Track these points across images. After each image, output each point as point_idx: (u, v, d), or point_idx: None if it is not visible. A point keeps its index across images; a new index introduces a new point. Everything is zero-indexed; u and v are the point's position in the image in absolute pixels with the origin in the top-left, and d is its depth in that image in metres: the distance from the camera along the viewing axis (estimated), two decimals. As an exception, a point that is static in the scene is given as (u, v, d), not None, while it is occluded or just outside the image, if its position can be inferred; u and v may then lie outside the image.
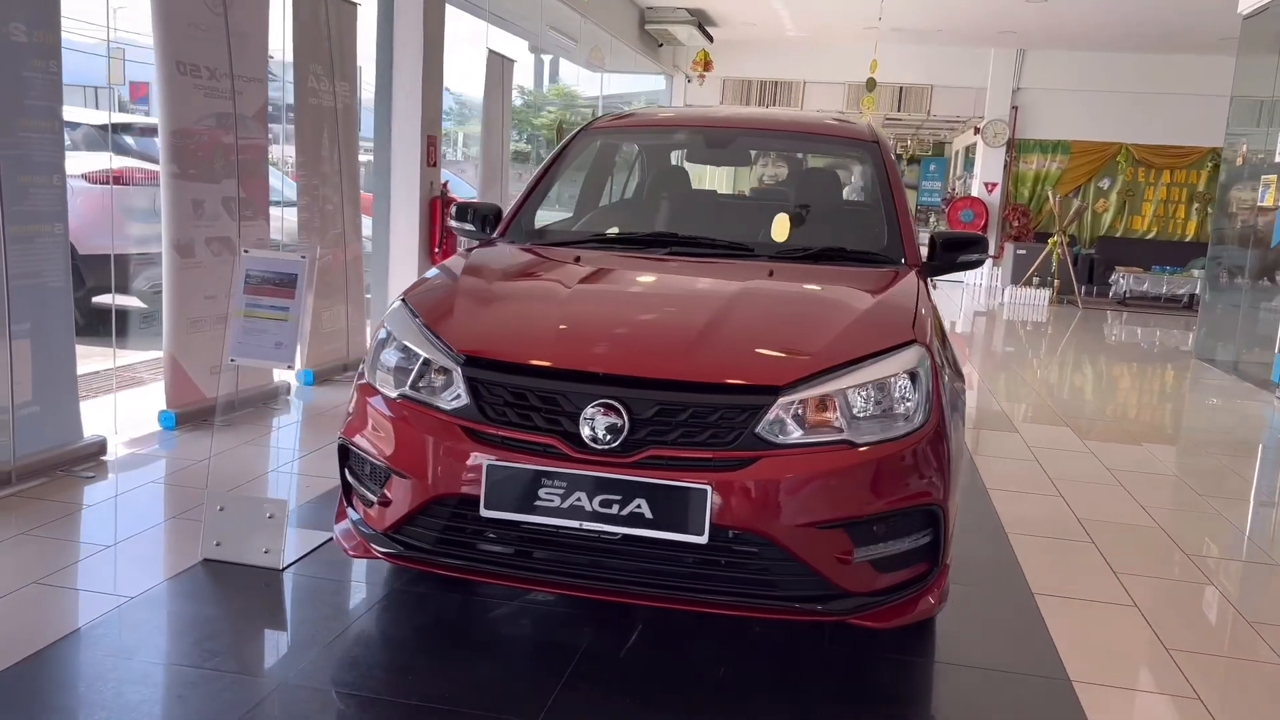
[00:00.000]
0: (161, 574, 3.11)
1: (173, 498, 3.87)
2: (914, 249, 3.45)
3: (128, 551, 3.30)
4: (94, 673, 2.52)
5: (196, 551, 3.27)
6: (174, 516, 3.63)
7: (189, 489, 3.93)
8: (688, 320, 2.76)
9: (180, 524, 3.57)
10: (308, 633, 2.84)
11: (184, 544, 3.37)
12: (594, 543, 2.48)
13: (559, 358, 2.59)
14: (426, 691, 2.51)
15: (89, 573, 3.11)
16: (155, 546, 3.37)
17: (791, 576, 2.45)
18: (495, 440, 2.51)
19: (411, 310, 2.87)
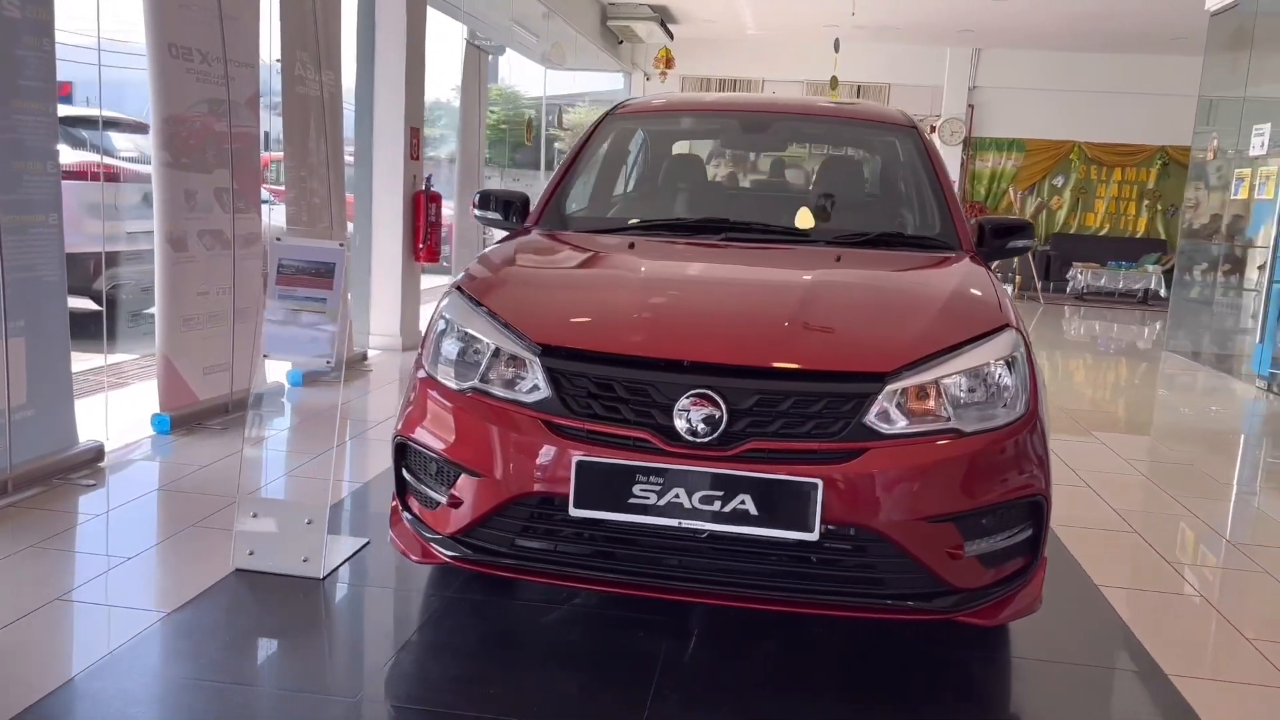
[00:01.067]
0: (193, 587, 2.89)
1: (183, 505, 3.63)
2: (967, 234, 3.37)
3: (150, 564, 3.07)
4: (144, 695, 2.30)
5: (226, 562, 3.05)
6: (192, 525, 3.40)
7: (198, 496, 3.70)
8: (775, 307, 2.63)
9: (200, 533, 3.33)
10: (367, 645, 2.65)
11: (209, 554, 3.15)
12: (688, 542, 2.34)
13: (647, 346, 2.44)
14: (508, 704, 2.34)
15: (115, 588, 2.88)
16: (178, 558, 3.13)
17: (899, 573, 2.33)
18: (581, 435, 2.35)
19: (472, 299, 2.69)
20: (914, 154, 3.71)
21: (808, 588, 2.33)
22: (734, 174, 4.07)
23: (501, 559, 2.47)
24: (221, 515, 3.48)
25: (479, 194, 3.77)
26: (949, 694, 2.54)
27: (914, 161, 3.69)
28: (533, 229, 3.46)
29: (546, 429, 2.38)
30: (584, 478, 2.31)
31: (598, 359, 2.42)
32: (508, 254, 3.07)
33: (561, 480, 2.34)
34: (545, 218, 3.54)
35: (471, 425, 2.47)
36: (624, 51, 15.50)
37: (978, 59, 15.43)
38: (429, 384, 2.61)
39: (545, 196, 3.64)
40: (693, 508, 2.27)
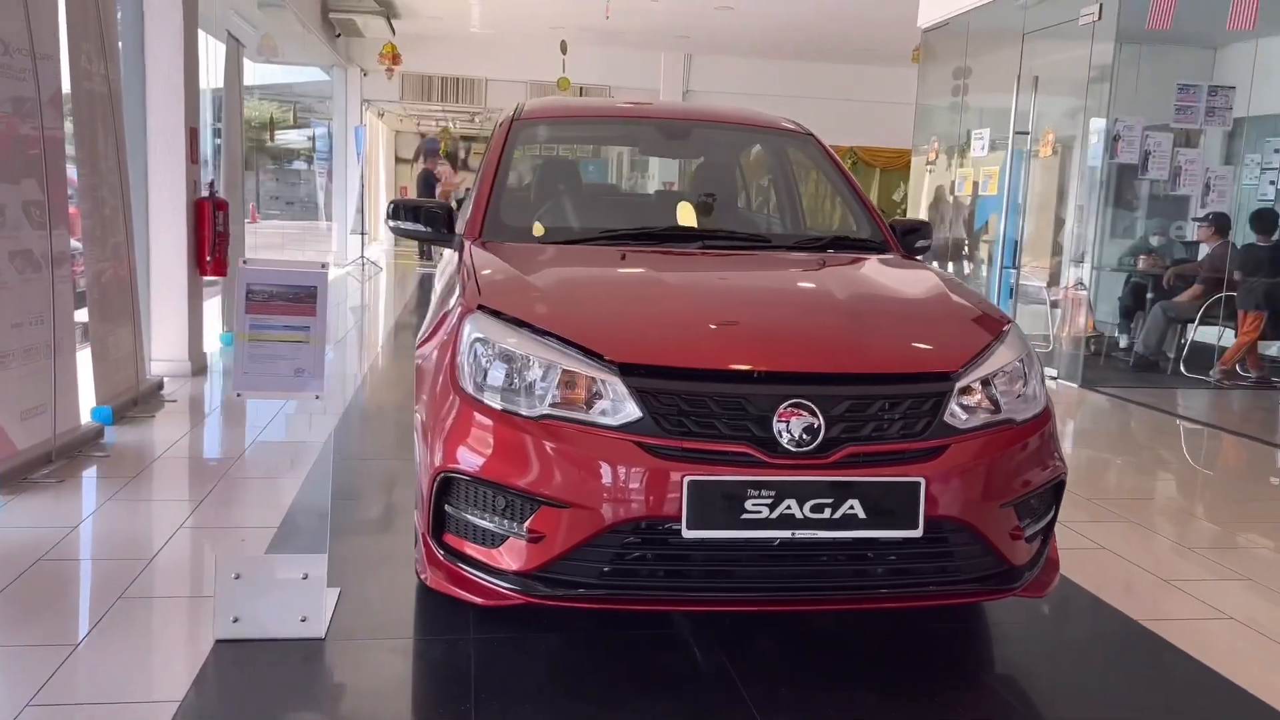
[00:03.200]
0: (182, 673, 2.49)
1: (85, 577, 3.09)
2: (893, 236, 3.61)
3: (105, 653, 2.60)
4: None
5: (197, 634, 2.65)
6: (118, 598, 2.90)
7: (99, 563, 3.16)
8: (832, 313, 2.70)
9: (135, 606, 2.86)
10: (422, 709, 2.42)
11: (168, 628, 2.72)
12: (795, 552, 2.37)
13: (735, 359, 2.42)
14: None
15: (84, 687, 2.41)
16: (132, 642, 2.68)
17: (974, 559, 2.49)
18: (679, 454, 2.30)
19: (509, 318, 2.53)
20: (823, 159, 3.90)
21: (911, 583, 2.44)
22: (669, 182, 4.05)
23: (592, 590, 2.36)
24: (143, 582, 3.01)
25: (391, 204, 3.52)
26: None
27: (826, 167, 3.88)
28: (471, 242, 3.27)
29: (642, 451, 2.31)
30: (697, 498, 2.27)
31: (686, 375, 2.38)
32: (516, 268, 2.89)
33: (666, 503, 2.28)
34: (487, 229, 3.37)
35: (552, 454, 2.34)
36: (340, 46, 14.77)
37: (690, 64, 16.22)
38: (478, 410, 2.43)
39: (480, 207, 3.46)
40: (804, 517, 2.30)
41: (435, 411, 2.57)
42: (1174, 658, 2.82)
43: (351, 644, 2.67)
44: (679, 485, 2.27)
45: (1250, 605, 3.24)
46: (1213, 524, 4.23)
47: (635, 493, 2.30)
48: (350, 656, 2.61)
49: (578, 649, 2.70)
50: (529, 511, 2.37)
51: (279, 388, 2.67)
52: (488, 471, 2.40)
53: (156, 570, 3.12)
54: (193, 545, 3.39)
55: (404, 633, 2.76)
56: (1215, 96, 7.11)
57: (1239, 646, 2.91)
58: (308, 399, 2.78)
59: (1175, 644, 2.88)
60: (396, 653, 2.65)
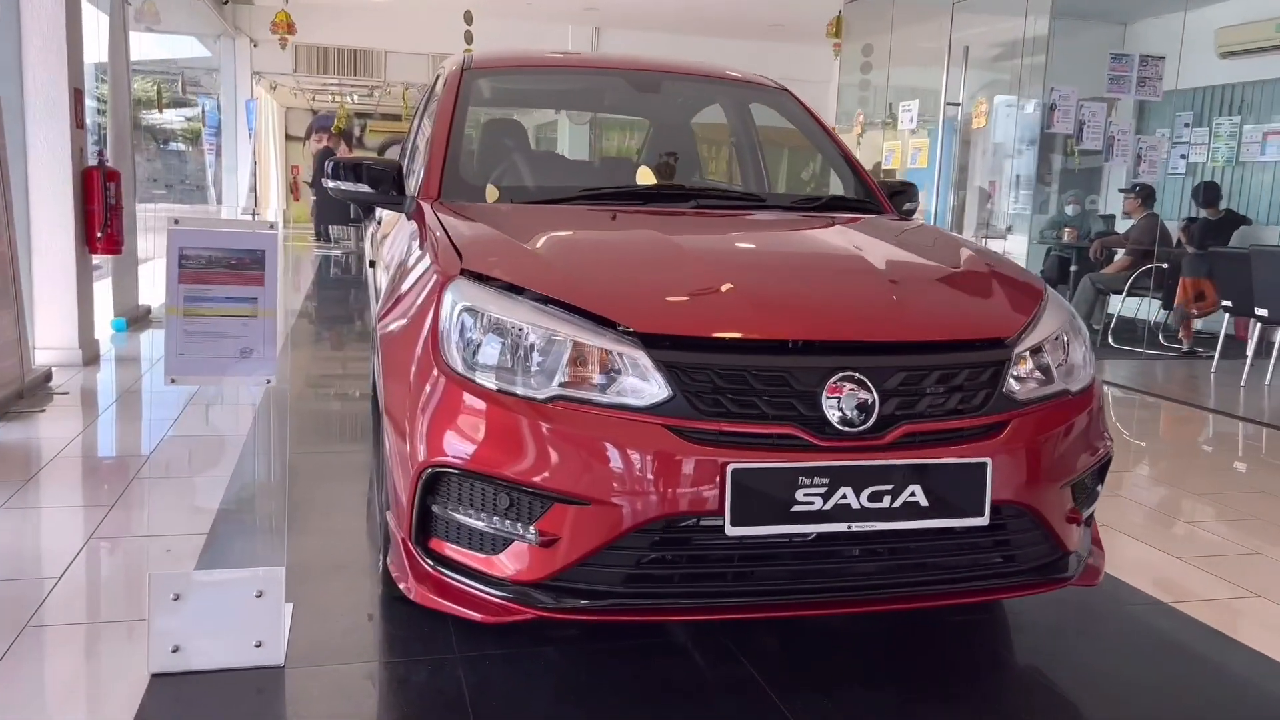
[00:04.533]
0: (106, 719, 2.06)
1: (-26, 601, 2.60)
2: (883, 195, 3.35)
3: (7, 694, 2.14)
4: None
5: (132, 669, 2.22)
6: (28, 627, 2.43)
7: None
8: (872, 276, 2.40)
9: (49, 638, 2.40)
10: (426, 742, 2.05)
11: (94, 664, 2.27)
12: (840, 547, 2.08)
13: (775, 327, 2.10)
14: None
15: (-4, 738, 1.97)
16: (42, 679, 2.22)
17: (1031, 547, 2.24)
18: (716, 438, 1.98)
19: (506, 286, 2.16)
20: (804, 115, 3.62)
21: (963, 577, 2.17)
22: (648, 138, 3.72)
23: (615, 601, 2.02)
24: (52, 606, 2.54)
25: (332, 164, 3.10)
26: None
27: (808, 124, 3.60)
28: (430, 204, 2.88)
29: (675, 436, 1.98)
30: (741, 489, 1.95)
31: (721, 346, 2.05)
32: (500, 230, 2.51)
33: (704, 496, 1.96)
34: (446, 189, 2.98)
35: (567, 442, 1.99)
36: (228, 13, 13.89)
37: (598, 37, 15.82)
38: (470, 392, 2.06)
39: (436, 165, 3.05)
40: (861, 507, 2.01)
41: (412, 395, 2.18)
42: (1221, 644, 2.63)
43: (317, 671, 2.27)
44: (719, 475, 1.95)
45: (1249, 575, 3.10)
46: (1188, 494, 4.12)
47: (666, 485, 1.96)
48: (318, 686, 2.21)
49: (581, 662, 2.36)
50: (539, 510, 2.01)
51: (221, 371, 2.24)
52: (486, 464, 2.03)
53: (67, 592, 2.65)
54: (108, 560, 2.91)
55: (376, 655, 2.37)
56: (1146, 66, 7.11)
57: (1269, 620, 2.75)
58: (247, 384, 2.35)
59: (1215, 627, 2.70)
60: (373, 679, 2.26)
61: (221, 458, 3.98)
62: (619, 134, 13.84)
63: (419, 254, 2.61)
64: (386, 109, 20.04)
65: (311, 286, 11.09)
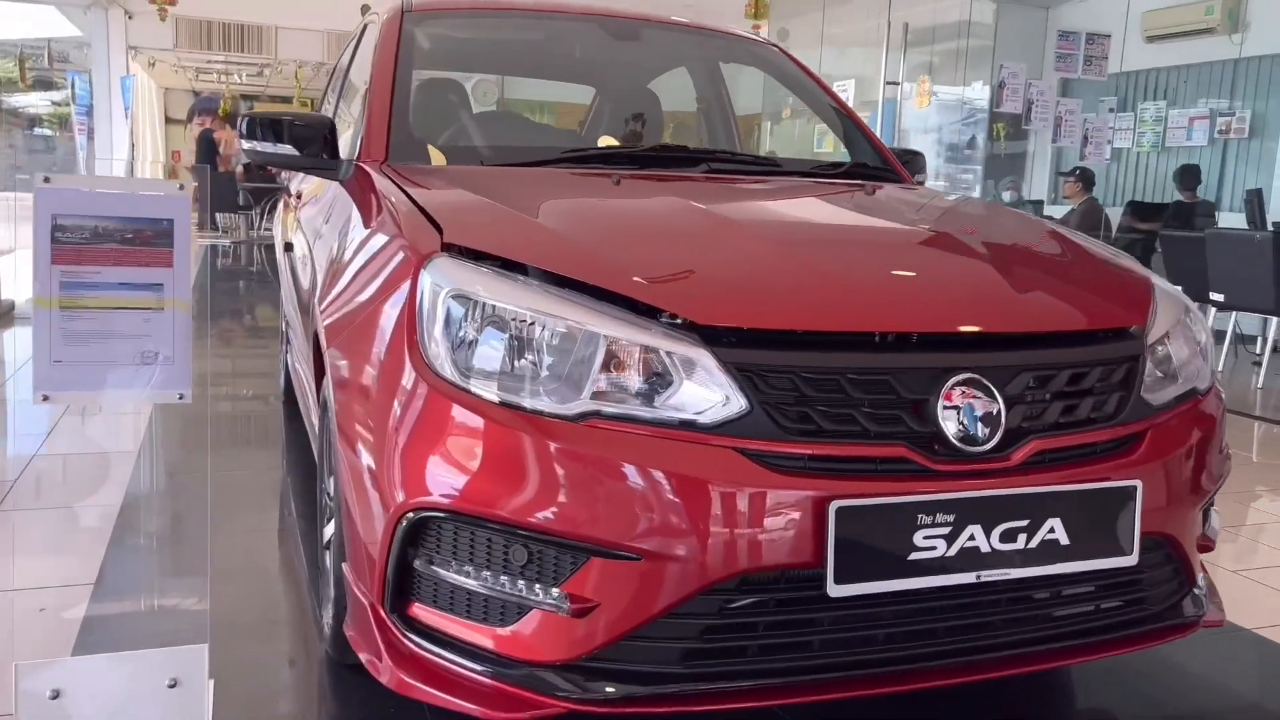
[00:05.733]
0: None
1: None
2: (899, 164, 2.92)
3: None
4: None
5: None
6: None
7: None
8: (961, 254, 1.93)
9: None
10: None
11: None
12: (967, 601, 1.61)
13: (871, 315, 1.61)
14: None
15: None
16: None
17: (1163, 584, 1.82)
18: (807, 465, 1.49)
19: (508, 265, 1.63)
20: (799, 76, 3.15)
21: (1099, 627, 1.72)
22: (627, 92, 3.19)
23: (676, 686, 1.51)
24: None
25: (246, 119, 2.49)
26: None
27: (803, 83, 3.13)
28: (376, 167, 2.30)
29: (753, 463, 1.48)
30: (849, 533, 1.47)
31: (808, 342, 1.56)
32: (490, 197, 1.96)
33: (796, 543, 1.47)
34: (395, 150, 2.40)
35: (607, 474, 1.47)
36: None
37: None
38: (465, 407, 1.52)
39: (380, 121, 2.47)
40: (992, 550, 1.55)
41: (379, 412, 1.63)
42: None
43: (254, 783, 1.70)
44: (818, 515, 1.46)
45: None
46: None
47: (744, 531, 1.46)
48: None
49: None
50: (568, 567, 1.49)
51: (114, 384, 1.64)
52: (492, 504, 1.50)
53: (19, 673, 2.00)
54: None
55: (332, 752, 1.81)
56: (1093, 45, 6.89)
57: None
58: (158, 399, 1.75)
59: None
60: (332, 792, 1.69)
61: (107, 479, 3.30)
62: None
63: (369, 229, 2.05)
64: (277, 90, 18.86)
65: (204, 279, 10.18)
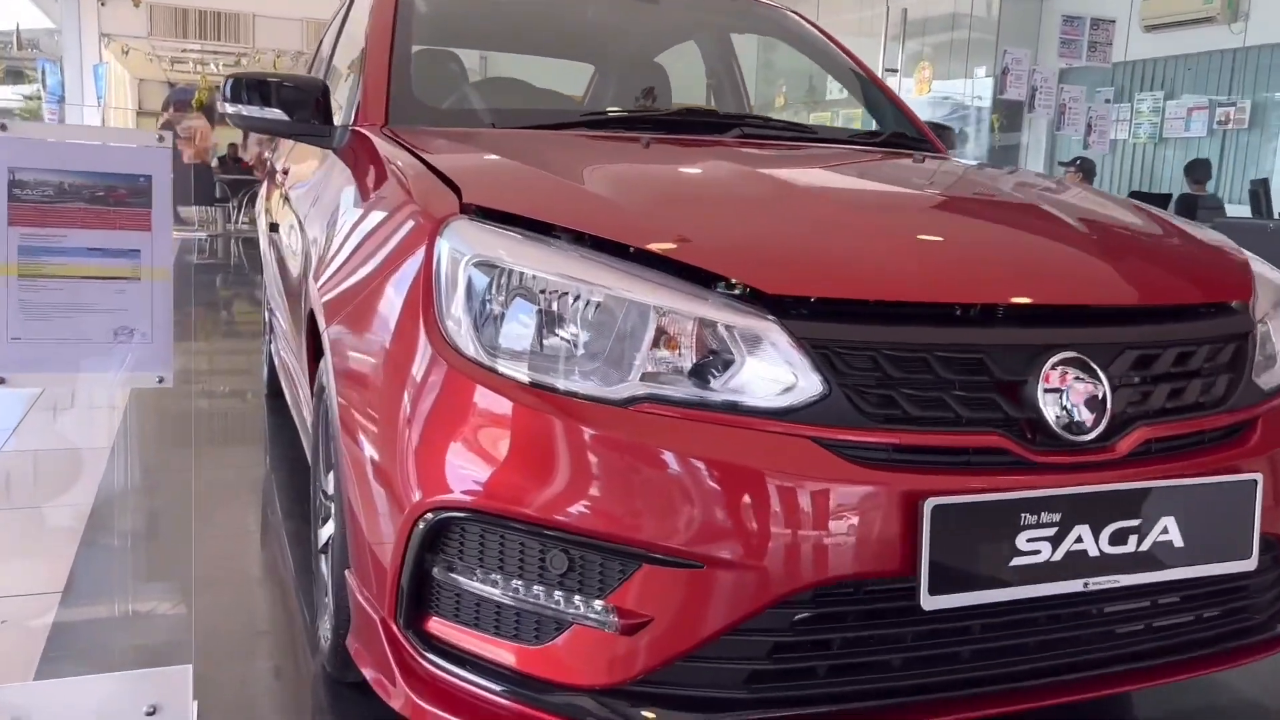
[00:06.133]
0: None
1: None
2: (934, 136, 2.72)
3: None
4: None
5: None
6: None
7: None
8: (1050, 221, 1.74)
9: None
10: None
11: None
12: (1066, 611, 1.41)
13: (963, 286, 1.41)
14: None
15: None
16: None
17: (1266, 589, 1.62)
18: (893, 456, 1.29)
19: (537, 226, 1.41)
20: (823, 44, 2.95)
21: (1205, 639, 1.53)
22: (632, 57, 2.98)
23: (739, 713, 1.30)
24: None
25: (231, 79, 2.26)
26: None
27: (828, 53, 2.93)
28: (377, 130, 2.08)
29: (833, 454, 1.27)
30: (946, 536, 1.27)
31: (891, 316, 1.35)
32: (518, 158, 1.75)
33: (884, 548, 1.27)
34: (395, 112, 2.18)
35: (660, 468, 1.26)
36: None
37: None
38: (492, 389, 1.32)
39: (379, 82, 2.25)
40: (1101, 554, 1.35)
41: (391, 399, 1.42)
42: None
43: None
44: (909, 515, 1.26)
45: None
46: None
47: (824, 533, 1.26)
48: None
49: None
50: (616, 577, 1.28)
51: (83, 365, 1.41)
52: (523, 501, 1.29)
53: None
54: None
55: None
56: (1098, 30, 6.73)
57: None
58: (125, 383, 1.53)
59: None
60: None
61: (80, 477, 3.06)
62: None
63: (371, 196, 1.84)
64: (255, 81, 18.55)
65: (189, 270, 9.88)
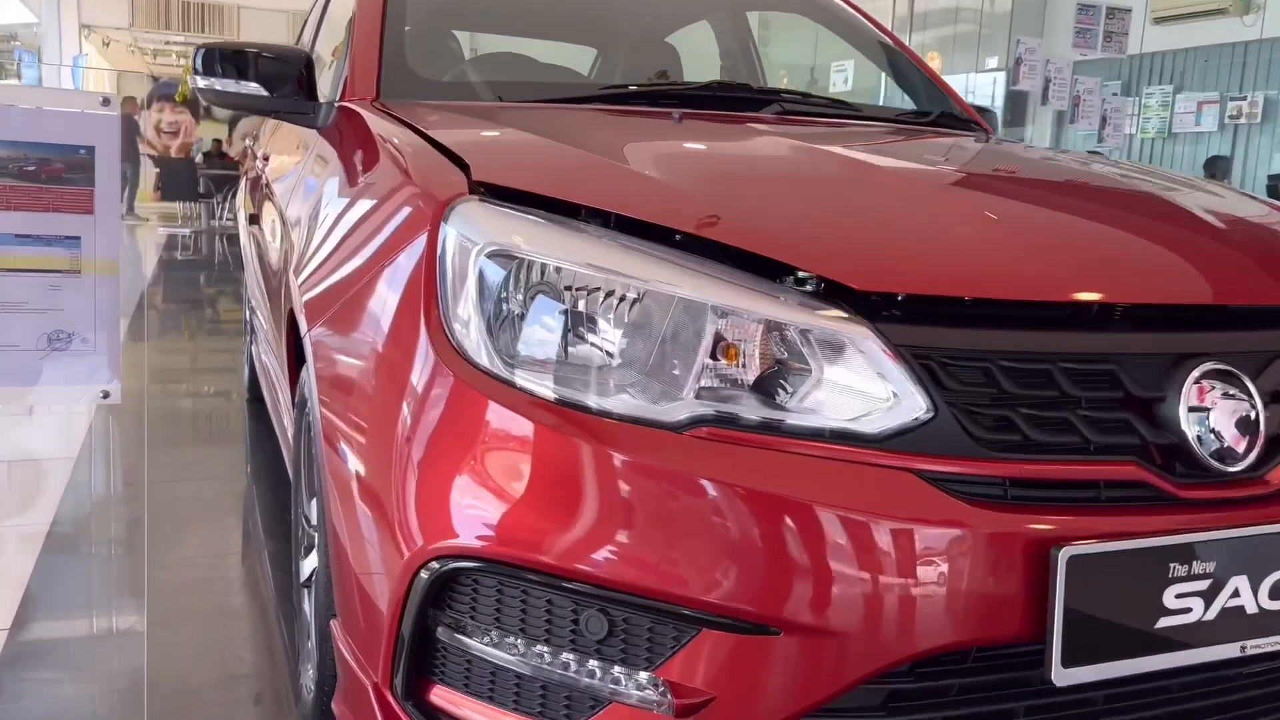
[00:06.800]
0: None
1: None
2: (979, 117, 2.49)
3: None
4: None
5: None
6: None
7: None
8: (1171, 211, 1.50)
9: None
10: None
11: None
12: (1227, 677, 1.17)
13: (1088, 283, 1.16)
14: None
15: None
16: None
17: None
18: (1013, 493, 1.04)
19: (564, 207, 1.17)
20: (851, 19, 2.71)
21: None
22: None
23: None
24: None
25: (204, 50, 2.00)
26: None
27: (857, 28, 2.69)
28: (367, 105, 1.83)
29: (935, 490, 1.03)
30: (1083, 593, 1.01)
31: (1007, 318, 1.10)
32: (534, 133, 1.50)
33: (1003, 609, 1.02)
34: (388, 86, 1.93)
35: (721, 507, 1.02)
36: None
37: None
38: (510, 407, 1.07)
39: (369, 55, 1.99)
40: (1260, 610, 1.10)
41: (384, 418, 1.17)
42: None
43: None
44: (1035, 566, 1.01)
45: None
46: None
47: (931, 590, 1.01)
48: None
49: None
50: (670, 644, 1.03)
51: (12, 377, 1.15)
52: (550, 549, 1.04)
53: None
54: None
55: None
56: (1113, 20, 6.51)
57: None
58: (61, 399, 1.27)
59: None
60: None
61: (38, 497, 2.80)
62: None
63: (362, 178, 1.59)
64: (237, 76, 18.21)
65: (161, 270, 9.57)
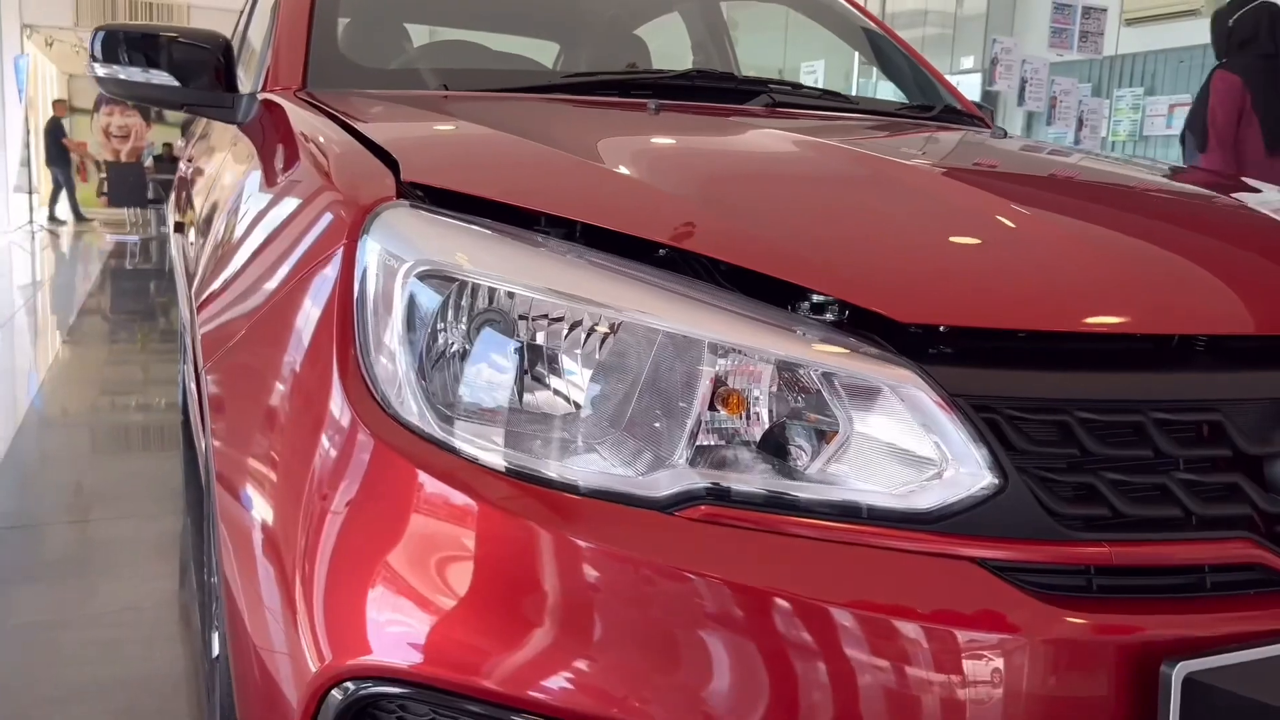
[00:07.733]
0: None
1: None
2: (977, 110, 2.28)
3: None
4: None
5: None
6: None
7: None
8: (1246, 220, 1.27)
9: None
10: None
11: None
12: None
13: (1182, 315, 0.93)
14: None
15: None
16: None
17: None
18: (1097, 586, 0.80)
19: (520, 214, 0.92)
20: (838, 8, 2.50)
21: None
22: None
23: None
24: None
25: (103, 33, 1.74)
26: None
27: (844, 18, 2.48)
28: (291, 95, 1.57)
29: (1005, 585, 0.79)
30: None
31: (1084, 356, 0.87)
32: (486, 125, 1.25)
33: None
34: (315, 74, 1.68)
35: (723, 616, 0.77)
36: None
37: None
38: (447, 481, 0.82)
39: (296, 40, 1.74)
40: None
41: (284, 487, 0.92)
42: None
43: None
44: (1136, 687, 0.78)
45: None
46: None
47: (999, 719, 0.77)
48: None
49: None
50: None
51: None
52: (495, 671, 0.79)
53: None
54: None
55: None
56: (1089, 19, 6.37)
57: None
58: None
59: None
60: None
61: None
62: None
63: (277, 181, 1.33)
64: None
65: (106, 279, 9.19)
